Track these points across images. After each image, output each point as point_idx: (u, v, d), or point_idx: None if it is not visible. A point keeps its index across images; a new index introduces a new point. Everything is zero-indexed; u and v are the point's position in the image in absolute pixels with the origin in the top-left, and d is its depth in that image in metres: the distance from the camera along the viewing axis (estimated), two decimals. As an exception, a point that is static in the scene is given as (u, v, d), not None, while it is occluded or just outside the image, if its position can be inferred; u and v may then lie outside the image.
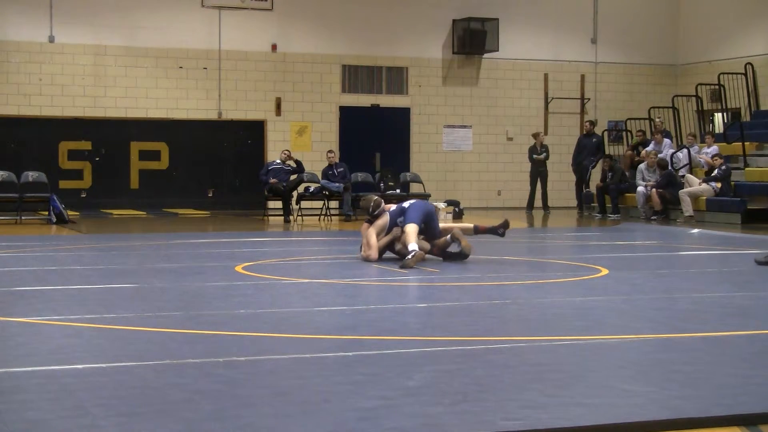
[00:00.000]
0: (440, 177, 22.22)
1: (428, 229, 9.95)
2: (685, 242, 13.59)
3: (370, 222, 10.04)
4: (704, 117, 21.68)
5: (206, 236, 14.23)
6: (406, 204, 10.04)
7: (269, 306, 6.91)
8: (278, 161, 18.52)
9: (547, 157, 20.76)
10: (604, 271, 9.07)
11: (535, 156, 20.76)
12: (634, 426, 3.78)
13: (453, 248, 10.00)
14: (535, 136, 21.12)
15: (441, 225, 10.25)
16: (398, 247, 9.92)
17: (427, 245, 9.96)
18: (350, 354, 5.05)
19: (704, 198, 17.73)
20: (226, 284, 8.03)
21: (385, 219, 9.96)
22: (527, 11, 22.84)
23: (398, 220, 9.91)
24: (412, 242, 9.43)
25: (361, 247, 10.06)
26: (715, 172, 17.81)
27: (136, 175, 20.71)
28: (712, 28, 23.06)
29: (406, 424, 3.74)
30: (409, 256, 9.25)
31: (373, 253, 9.80)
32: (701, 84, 21.26)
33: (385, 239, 9.92)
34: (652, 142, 19.67)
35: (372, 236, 9.88)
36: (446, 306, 7.00)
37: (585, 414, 3.90)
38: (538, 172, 20.78)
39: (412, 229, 9.57)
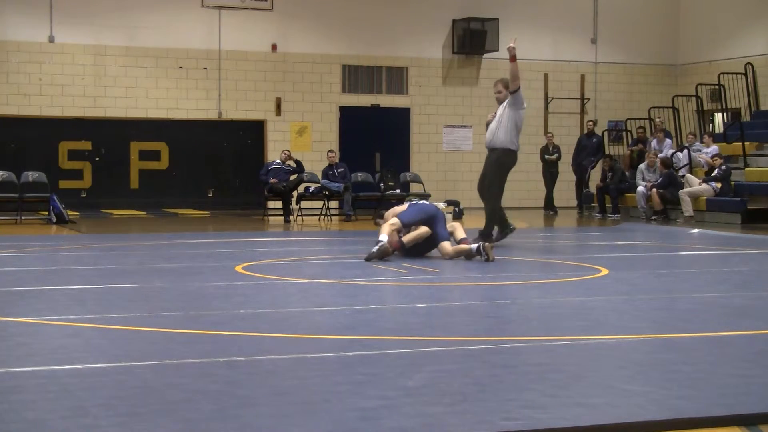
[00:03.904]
0: (440, 177, 22.23)
1: (432, 232, 10.04)
2: (685, 242, 13.59)
3: (381, 216, 10.42)
4: (704, 117, 21.68)
5: (206, 236, 14.22)
6: (423, 201, 10.42)
7: (269, 306, 6.91)
8: (278, 161, 18.53)
9: (559, 158, 20.80)
10: (604, 271, 9.06)
11: (547, 156, 20.80)
12: (634, 426, 3.77)
13: (479, 259, 9.97)
14: (547, 136, 21.27)
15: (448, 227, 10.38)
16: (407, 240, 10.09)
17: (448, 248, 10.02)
18: (350, 354, 5.05)
19: (704, 198, 17.73)
20: (226, 284, 8.03)
21: (402, 207, 10.25)
22: (527, 11, 22.84)
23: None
24: (384, 233, 9.70)
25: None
26: (715, 172, 17.81)
27: (136, 175, 20.72)
28: (712, 28, 23.06)
29: (406, 424, 3.73)
30: (374, 248, 9.55)
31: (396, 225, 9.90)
32: (701, 84, 21.26)
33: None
34: (654, 140, 19.68)
35: (391, 216, 10.08)
36: (446, 306, 6.99)
37: (585, 414, 3.90)
38: (550, 172, 20.83)
39: (390, 222, 9.88)
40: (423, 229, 9.96)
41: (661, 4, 23.94)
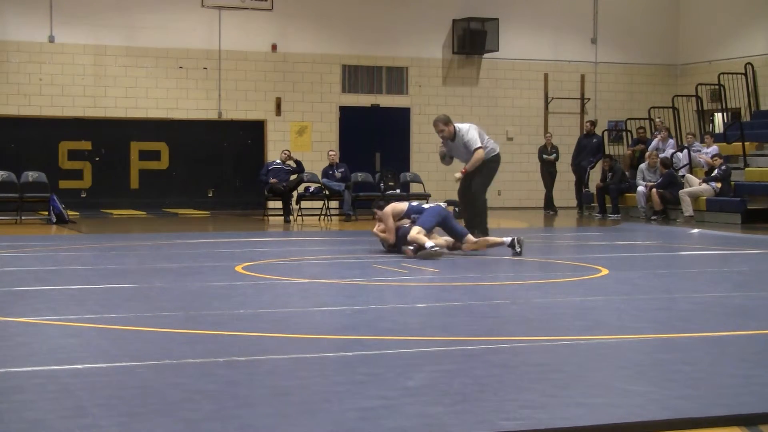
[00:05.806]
0: (440, 177, 22.19)
1: (448, 231, 10.64)
2: (685, 242, 13.59)
3: (381, 208, 10.71)
4: (704, 117, 21.68)
5: (206, 236, 14.23)
6: (426, 206, 10.84)
7: (269, 306, 6.91)
8: (278, 161, 18.53)
9: (557, 158, 20.80)
10: (604, 271, 9.07)
11: (545, 156, 20.81)
12: (634, 426, 3.78)
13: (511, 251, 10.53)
14: (546, 136, 21.29)
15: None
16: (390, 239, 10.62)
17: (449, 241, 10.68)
18: (350, 354, 5.05)
19: (704, 198, 17.73)
20: (226, 284, 8.03)
21: (402, 206, 10.72)
22: (527, 11, 22.84)
23: (413, 216, 10.57)
24: (428, 240, 10.14)
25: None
26: (715, 172, 17.81)
27: (136, 175, 20.71)
28: (712, 28, 23.06)
29: (406, 424, 3.74)
30: (430, 248, 10.00)
31: (391, 237, 10.51)
32: (701, 84, 21.26)
33: (397, 223, 10.58)
34: (656, 139, 19.66)
35: (390, 220, 10.53)
36: (446, 306, 7.00)
37: (585, 414, 3.90)
38: (549, 172, 20.84)
39: (416, 231, 10.24)
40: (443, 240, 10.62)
41: (661, 4, 23.94)
